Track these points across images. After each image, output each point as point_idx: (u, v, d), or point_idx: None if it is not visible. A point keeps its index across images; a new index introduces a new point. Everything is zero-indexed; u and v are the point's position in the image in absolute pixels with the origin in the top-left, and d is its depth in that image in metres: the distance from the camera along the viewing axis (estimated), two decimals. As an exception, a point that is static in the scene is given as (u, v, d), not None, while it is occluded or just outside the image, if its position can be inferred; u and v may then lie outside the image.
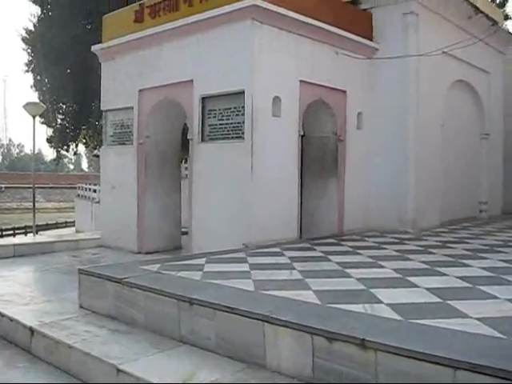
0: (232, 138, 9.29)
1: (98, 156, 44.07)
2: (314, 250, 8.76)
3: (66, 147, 34.39)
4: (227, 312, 5.13)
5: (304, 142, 10.20)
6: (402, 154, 10.89)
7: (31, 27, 30.10)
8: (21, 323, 6.35)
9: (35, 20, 30.37)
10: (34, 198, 18.77)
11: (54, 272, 9.10)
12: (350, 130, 10.91)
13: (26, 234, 30.96)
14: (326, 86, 10.34)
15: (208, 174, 9.55)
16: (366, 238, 10.12)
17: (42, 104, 19.62)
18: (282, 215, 9.49)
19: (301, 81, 9.78)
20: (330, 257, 7.98)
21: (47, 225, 33.66)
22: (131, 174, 10.95)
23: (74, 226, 33.25)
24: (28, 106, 18.34)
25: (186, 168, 13.80)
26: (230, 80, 9.21)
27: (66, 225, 35.45)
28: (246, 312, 4.98)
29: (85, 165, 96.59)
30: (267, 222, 9.18)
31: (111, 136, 11.59)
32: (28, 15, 37.51)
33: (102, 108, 11.81)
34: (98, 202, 29.39)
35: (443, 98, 11.98)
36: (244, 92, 9.01)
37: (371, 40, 11.19)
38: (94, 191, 29.08)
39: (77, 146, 37.30)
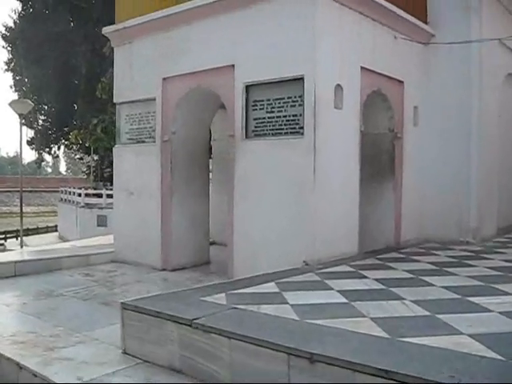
0: (286, 133, 7.47)
1: (81, 159, 41.64)
2: (391, 268, 7.04)
3: (48, 149, 32.18)
4: (381, 377, 3.35)
5: (357, 140, 8.44)
6: (464, 153, 9.23)
7: (11, 24, 27.57)
8: (50, 382, 4.45)
9: (16, 16, 27.91)
10: (21, 202, 16.53)
11: (70, 298, 7.16)
12: (407, 126, 9.19)
13: (17, 237, 28.51)
14: (384, 75, 8.62)
15: (255, 178, 7.71)
16: (433, 251, 8.43)
17: (29, 102, 17.37)
18: (342, 225, 7.73)
19: (362, 67, 8.01)
20: (424, 278, 6.28)
21: (28, 229, 31.10)
22: (154, 176, 9.01)
23: (56, 231, 30.91)
24: (15, 104, 16.19)
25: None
26: (285, 64, 7.40)
27: (47, 230, 32.94)
28: (417, 379, 3.21)
29: (63, 168, 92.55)
30: (329, 235, 7.39)
31: (127, 133, 9.62)
32: (8, 11, 34.94)
33: (115, 100, 9.81)
34: (84, 207, 27.31)
35: (499, 91, 10.33)
36: (303, 78, 7.22)
37: (426, 24, 9.48)
38: (79, 195, 26.87)
39: (59, 148, 35.03)
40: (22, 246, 17.68)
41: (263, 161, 7.64)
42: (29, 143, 31.16)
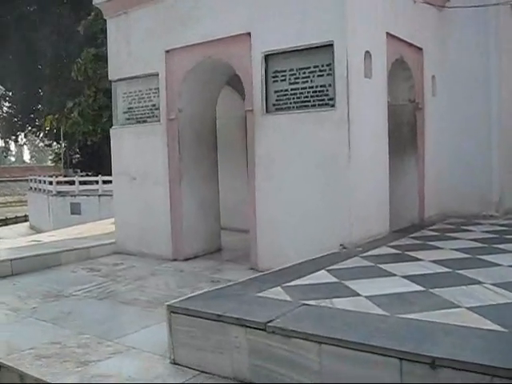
0: (313, 105, 6.69)
1: (49, 145, 39.60)
2: (437, 247, 6.41)
3: (14, 137, 30.39)
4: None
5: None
6: (484, 124, 8.62)
7: (-32, 6, 25.70)
8: None
9: (-27, -1, 25.97)
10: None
11: (83, 298, 6.27)
12: (427, 96, 8.52)
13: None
14: (406, 42, 7.89)
15: (279, 156, 6.91)
16: (464, 227, 7.83)
17: (0, 86, 15.93)
18: (374, 204, 7.05)
19: (387, 33, 7.26)
20: (482, 257, 5.65)
21: (-3, 220, 29.52)
22: (159, 159, 8.10)
23: (25, 221, 29.35)
24: (-16, 88, 14.72)
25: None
26: (310, 30, 6.60)
27: (16, 220, 31.29)
28: None
29: (26, 156, 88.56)
30: (364, 214, 6.69)
31: (125, 112, 8.63)
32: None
33: (110, 77, 8.79)
34: (56, 195, 25.90)
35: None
36: (333, 45, 6.41)
37: (441, -14, 8.80)
38: (50, 183, 25.42)
39: (26, 135, 33.13)
40: (-3, 239, 16.36)
41: (287, 137, 6.84)
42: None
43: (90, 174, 29.81)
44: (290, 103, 6.88)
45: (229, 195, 9.36)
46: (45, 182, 26.25)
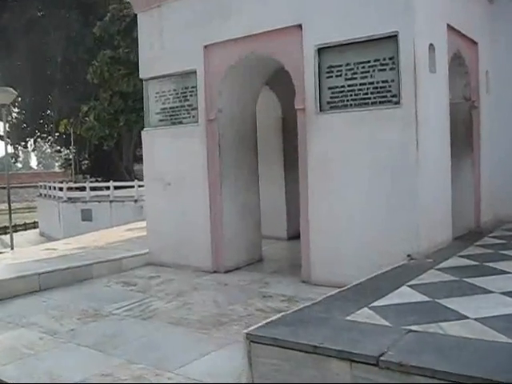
0: (374, 103, 6.02)
1: (59, 151, 38.76)
2: (513, 257, 5.69)
3: (23, 143, 29.67)
4: None
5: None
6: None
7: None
8: None
9: (-16, 2, 25.41)
10: (9, 199, 14.50)
11: (125, 318, 5.63)
12: (482, 94, 7.84)
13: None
14: (463, 35, 7.22)
15: (337, 158, 6.24)
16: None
17: (12, 90, 15.28)
18: (439, 210, 6.36)
19: (447, 25, 6.59)
20: None
21: (6, 227, 28.74)
22: (198, 163, 7.41)
23: (34, 227, 28.63)
24: (-3, 93, 14.07)
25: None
26: (371, 20, 5.94)
27: (25, 227, 30.56)
28: None
29: (34, 162, 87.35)
30: (430, 222, 6.01)
31: (158, 113, 7.94)
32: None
33: (141, 76, 8.10)
34: (67, 201, 25.21)
35: None
36: (397, 36, 5.74)
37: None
38: (61, 189, 24.72)
39: (35, 141, 32.46)
40: (12, 248, 15.69)
41: (345, 137, 6.17)
42: (1, 138, 28.58)
43: (99, 179, 29.17)
44: (347, 100, 6.21)
45: (263, 201, 8.67)
46: (55, 188, 25.55)
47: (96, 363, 4.36)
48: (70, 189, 25.25)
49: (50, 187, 26.39)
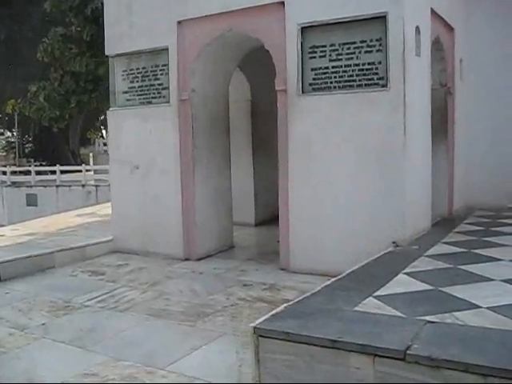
0: (359, 85, 5.80)
1: (2, 134, 36.69)
2: (502, 244, 5.66)
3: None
4: None
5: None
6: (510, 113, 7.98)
7: None
8: None
9: None
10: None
11: (100, 310, 5.21)
12: (457, 80, 7.78)
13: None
14: (443, 20, 7.11)
15: (320, 141, 6.01)
16: (501, 220, 7.16)
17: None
18: (421, 197, 6.25)
19: (431, 9, 6.45)
20: None
21: None
22: (169, 145, 7.00)
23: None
24: None
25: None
26: (357, 0, 5.67)
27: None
28: None
29: None
30: (414, 209, 5.88)
31: (125, 93, 7.44)
32: None
33: (107, 52, 7.56)
34: (11, 186, 23.94)
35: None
36: (386, 16, 5.54)
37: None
38: (4, 173, 23.46)
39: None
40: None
41: (329, 120, 5.93)
42: None
43: (44, 164, 27.90)
44: (331, 82, 5.96)
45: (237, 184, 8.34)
46: (-3, 172, 24.29)
47: (77, 361, 3.96)
48: (13, 173, 24.01)
49: (-10, 171, 25.04)
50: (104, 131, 35.53)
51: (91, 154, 25.64)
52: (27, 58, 21.64)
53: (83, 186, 23.19)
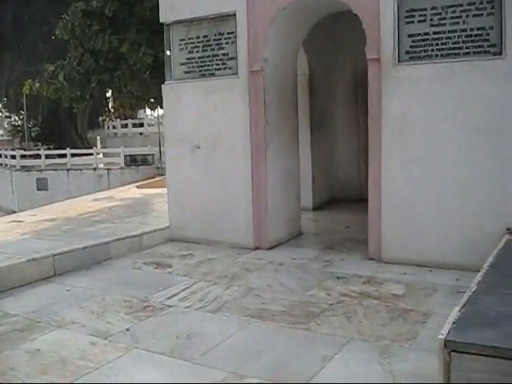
0: (466, 53, 5.04)
1: (9, 117, 35.42)
2: None
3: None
4: None
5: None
6: None
7: None
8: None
9: None
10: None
11: (188, 311, 4.48)
12: None
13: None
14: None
15: (419, 119, 5.26)
16: None
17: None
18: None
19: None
20: None
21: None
22: (238, 122, 6.24)
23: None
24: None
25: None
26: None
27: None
28: None
29: None
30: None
31: (183, 64, 6.63)
32: None
33: (162, 19, 6.71)
34: (20, 170, 23.05)
35: None
36: (506, -31, 4.76)
37: None
38: (13, 157, 22.56)
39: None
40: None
41: (431, 94, 5.17)
42: None
43: (51, 147, 26.97)
44: (432, 50, 5.20)
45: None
46: (6, 156, 23.29)
47: (190, 379, 3.26)
48: (23, 156, 23.13)
49: (0, 155, 24.04)
50: (112, 114, 34.53)
51: (98, 138, 24.76)
52: (35, 39, 20.61)
53: (94, 169, 22.42)
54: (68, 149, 22.32)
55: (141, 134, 27.13)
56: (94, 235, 6.71)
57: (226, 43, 6.27)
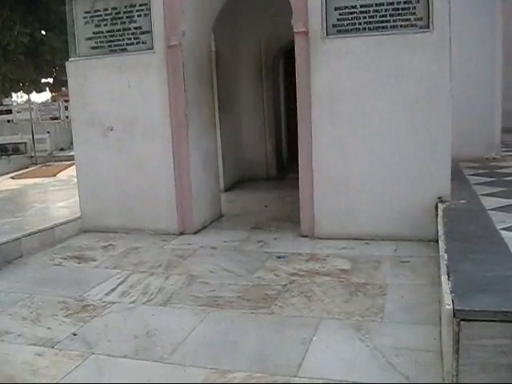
0: (394, 27, 5.05)
1: None
2: None
3: None
4: None
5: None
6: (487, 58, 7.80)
7: None
8: None
9: None
10: None
11: (138, 306, 4.03)
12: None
13: None
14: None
15: (350, 93, 5.20)
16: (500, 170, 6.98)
17: None
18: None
19: None
20: None
21: None
22: (155, 100, 5.74)
23: None
24: None
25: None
26: None
27: None
28: None
29: None
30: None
31: (89, 39, 5.93)
32: None
33: (62, -12, 5.97)
34: None
35: None
36: None
37: None
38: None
39: None
40: None
41: (360, 66, 5.12)
42: None
43: None
44: (360, 23, 5.15)
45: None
46: None
47: (175, 380, 2.88)
48: None
49: None
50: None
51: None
52: None
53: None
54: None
55: (8, 121, 24.81)
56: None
57: (139, 16, 5.72)
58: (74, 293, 4.25)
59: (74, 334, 3.51)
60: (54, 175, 16.25)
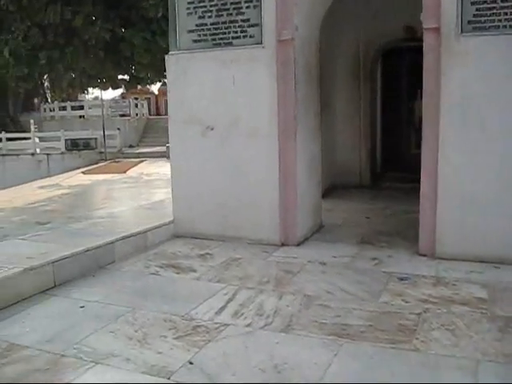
0: (544, 23, 4.38)
1: None
2: None
3: None
4: None
5: None
6: None
7: None
8: None
9: None
10: None
11: (252, 331, 3.58)
12: None
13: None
14: None
15: (488, 100, 4.58)
16: None
17: None
18: None
19: None
20: None
21: None
22: (263, 99, 5.30)
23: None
24: None
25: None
26: None
27: None
28: None
29: None
30: None
31: (191, 31, 5.57)
32: None
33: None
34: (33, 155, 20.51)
35: None
36: None
37: None
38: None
39: None
40: None
41: (502, 70, 4.49)
42: None
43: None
44: (500, 20, 4.52)
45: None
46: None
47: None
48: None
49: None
50: (49, 95, 32.02)
51: (32, 121, 22.75)
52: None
53: (33, 154, 20.57)
54: (3, 132, 20.22)
55: (80, 117, 25.30)
56: (84, 233, 5.61)
57: (247, 7, 5.30)
58: (180, 309, 3.85)
59: (191, 363, 3.08)
60: (124, 172, 16.31)
